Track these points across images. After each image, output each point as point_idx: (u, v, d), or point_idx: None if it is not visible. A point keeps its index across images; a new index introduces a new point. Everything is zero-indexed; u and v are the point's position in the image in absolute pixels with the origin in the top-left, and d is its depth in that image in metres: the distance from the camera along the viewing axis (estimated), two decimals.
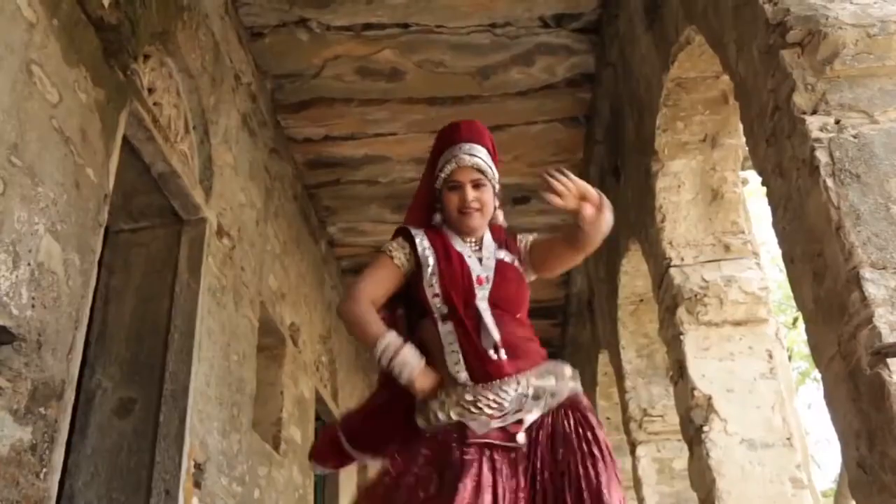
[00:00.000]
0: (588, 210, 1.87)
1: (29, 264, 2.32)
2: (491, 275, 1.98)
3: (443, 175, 2.05)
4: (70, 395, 2.52)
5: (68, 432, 2.54)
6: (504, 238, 2.11)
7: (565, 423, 1.84)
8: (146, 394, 3.43)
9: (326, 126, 5.41)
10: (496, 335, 1.88)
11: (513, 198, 6.25)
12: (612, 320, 5.57)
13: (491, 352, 1.86)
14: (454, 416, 1.84)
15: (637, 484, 5.19)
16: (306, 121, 5.35)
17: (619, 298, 5.35)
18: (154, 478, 3.25)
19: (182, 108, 3.86)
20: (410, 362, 1.87)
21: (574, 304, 7.78)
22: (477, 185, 2.03)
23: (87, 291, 2.69)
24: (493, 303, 1.94)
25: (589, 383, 7.21)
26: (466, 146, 2.06)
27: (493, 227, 2.12)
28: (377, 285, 2.03)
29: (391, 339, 1.89)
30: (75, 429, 3.21)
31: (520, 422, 1.82)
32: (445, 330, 1.92)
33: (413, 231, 2.06)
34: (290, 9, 4.42)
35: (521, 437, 1.81)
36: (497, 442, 1.80)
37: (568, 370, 1.96)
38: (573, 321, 8.05)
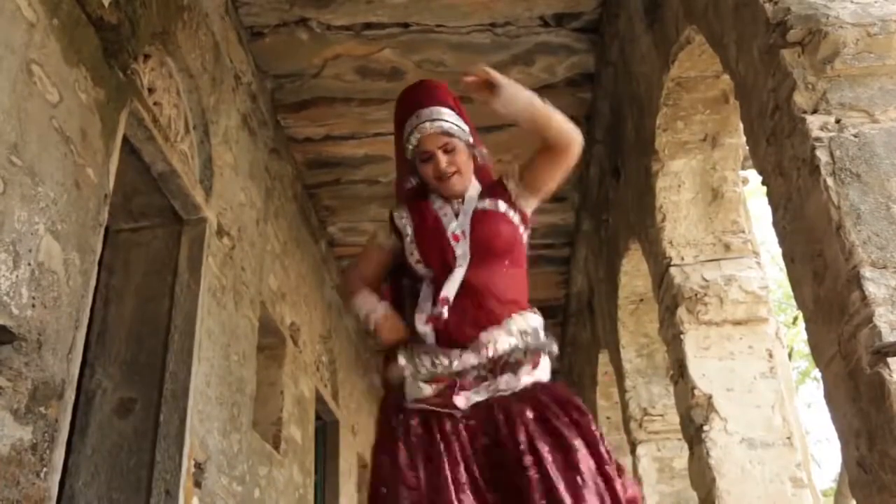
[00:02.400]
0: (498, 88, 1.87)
1: (29, 264, 2.32)
2: (467, 228, 1.95)
3: (410, 147, 2.02)
4: (70, 395, 2.52)
5: (68, 432, 2.54)
6: (490, 182, 2.07)
7: (527, 411, 1.78)
8: (146, 394, 3.43)
9: (326, 126, 5.41)
10: (444, 292, 1.85)
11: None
12: (612, 320, 5.57)
13: (442, 309, 1.83)
14: (406, 374, 1.85)
15: (637, 483, 5.19)
16: (306, 120, 5.35)
17: (619, 298, 5.35)
18: (154, 477, 3.25)
19: (182, 108, 3.86)
20: (377, 310, 1.94)
21: (574, 303, 7.78)
22: (447, 150, 1.99)
23: (88, 291, 2.68)
24: (475, 254, 1.91)
25: (589, 383, 7.21)
26: (426, 111, 2.01)
27: (482, 173, 2.09)
28: (363, 264, 2.14)
29: (364, 294, 2.00)
30: (75, 429, 3.21)
31: (457, 387, 1.78)
32: (427, 291, 1.93)
33: (395, 209, 2.10)
34: (290, 8, 4.42)
35: (460, 401, 1.77)
36: (435, 409, 1.78)
37: (542, 347, 1.87)
38: (573, 321, 8.05)
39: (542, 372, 1.88)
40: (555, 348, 1.92)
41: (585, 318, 7.32)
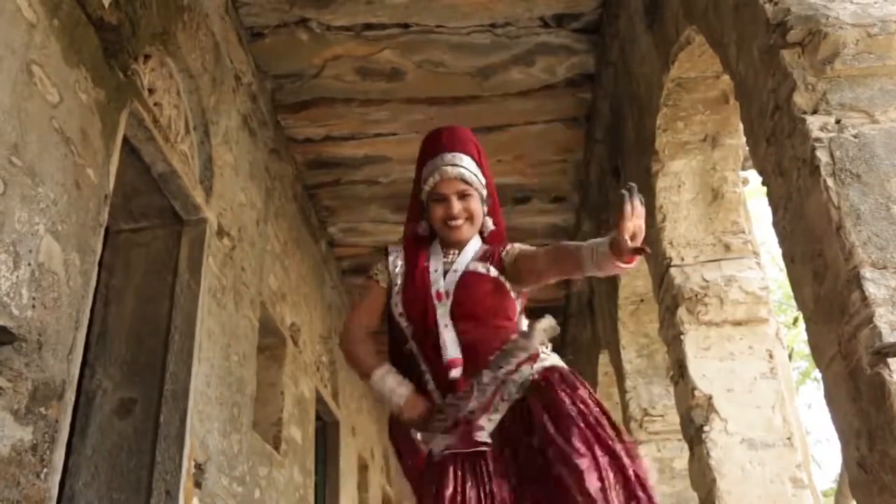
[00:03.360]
0: (625, 245, 1.64)
1: (29, 264, 2.32)
2: (452, 289, 1.94)
3: (426, 187, 2.02)
4: (70, 396, 2.52)
5: (69, 433, 2.54)
6: (493, 246, 2.05)
7: (532, 405, 1.79)
8: (146, 394, 3.43)
9: (327, 126, 5.41)
10: (448, 354, 1.86)
11: (513, 197, 6.25)
12: (612, 320, 5.57)
13: (452, 372, 1.84)
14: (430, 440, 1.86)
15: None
16: (306, 121, 5.35)
17: (619, 298, 5.35)
18: (154, 478, 3.25)
19: (182, 109, 3.86)
20: (398, 391, 1.90)
21: (574, 304, 7.78)
22: (463, 196, 2.00)
23: (88, 292, 2.68)
24: (456, 317, 1.90)
25: (589, 383, 7.19)
26: (449, 156, 2.01)
27: (490, 235, 2.09)
28: (367, 312, 2.10)
29: (381, 372, 1.95)
30: (76, 429, 3.21)
31: (471, 422, 1.79)
32: (414, 348, 1.94)
33: (390, 249, 2.10)
34: (290, 9, 4.42)
35: (481, 437, 1.78)
36: (463, 450, 1.78)
37: (532, 338, 1.83)
38: (573, 321, 8.05)
39: (543, 361, 1.89)
40: (543, 334, 1.85)
41: (586, 319, 7.32)
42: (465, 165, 2.00)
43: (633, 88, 4.32)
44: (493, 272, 1.97)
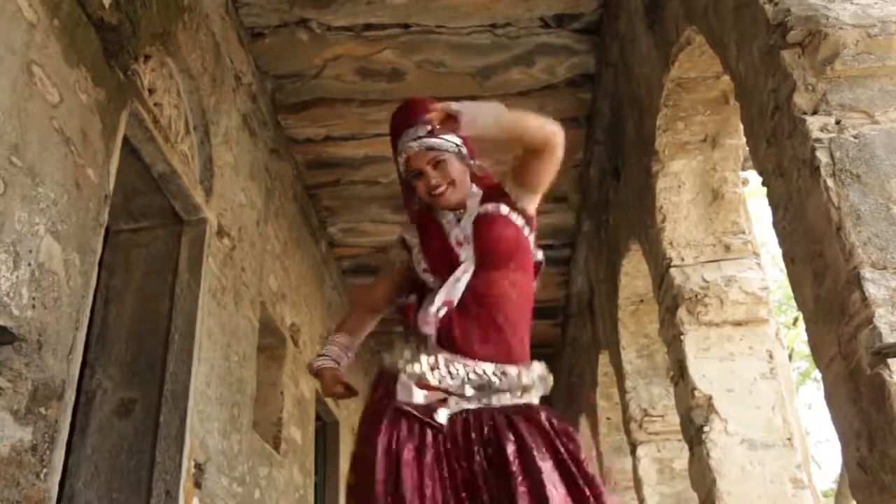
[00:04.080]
0: (453, 125, 1.80)
1: (29, 265, 2.32)
2: (469, 233, 1.96)
3: (402, 170, 2.05)
4: (70, 396, 2.52)
5: (69, 433, 2.54)
6: (491, 187, 2.06)
7: (514, 422, 1.77)
8: (146, 394, 3.43)
9: (327, 126, 5.41)
10: (447, 296, 1.86)
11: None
12: (612, 320, 5.57)
13: (439, 311, 1.84)
14: (399, 365, 1.87)
15: (637, 484, 5.19)
16: (307, 121, 5.35)
17: (619, 298, 5.35)
18: (154, 478, 3.25)
19: (182, 109, 3.86)
20: (323, 361, 2.03)
21: (574, 304, 7.78)
22: (436, 164, 2.00)
23: (88, 292, 2.69)
24: (480, 259, 1.92)
25: (589, 383, 7.21)
26: (407, 133, 2.02)
27: (483, 179, 2.09)
28: (375, 287, 2.18)
29: (335, 336, 2.10)
30: (76, 429, 3.21)
31: (444, 400, 1.79)
32: (434, 295, 1.93)
33: (403, 227, 2.13)
34: (290, 9, 4.42)
35: (440, 417, 1.77)
36: (417, 414, 1.78)
37: (529, 377, 1.87)
38: (573, 321, 8.05)
39: (535, 397, 1.90)
40: (547, 386, 1.93)
41: (586, 319, 7.32)
42: (423, 135, 2.00)
43: (633, 89, 4.32)
44: (504, 209, 1.99)
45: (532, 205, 2.03)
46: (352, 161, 5.77)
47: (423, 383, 1.82)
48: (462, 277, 1.90)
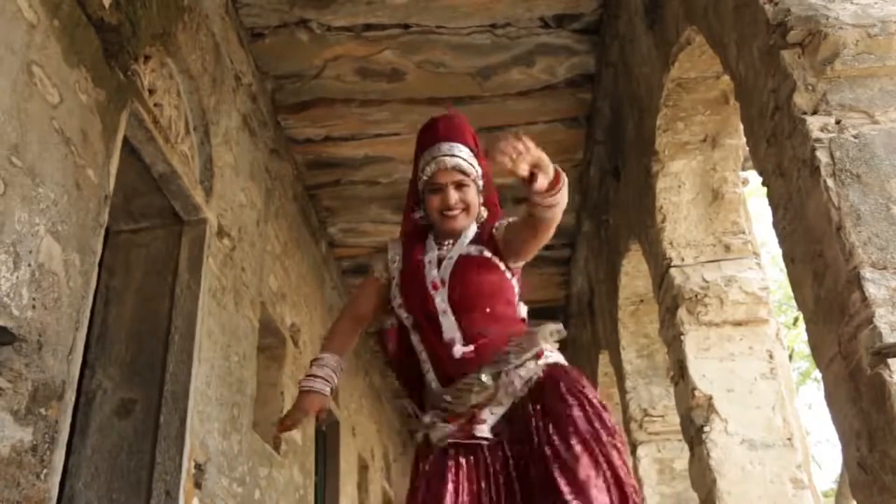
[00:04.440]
0: (541, 180, 1.65)
1: (29, 265, 2.32)
2: (447, 276, 1.94)
3: (424, 177, 2.02)
4: (70, 396, 2.52)
5: (69, 433, 2.54)
6: (486, 230, 2.05)
7: (533, 407, 1.78)
8: (146, 394, 3.43)
9: (327, 127, 5.41)
10: (448, 335, 1.86)
11: (513, 198, 6.25)
12: (612, 321, 5.57)
13: (454, 350, 1.84)
14: (427, 420, 1.86)
15: (638, 484, 5.19)
16: (307, 121, 5.35)
17: (619, 299, 5.35)
18: (154, 478, 3.25)
19: (182, 109, 3.86)
20: (309, 380, 2.00)
21: (574, 304, 7.78)
22: (459, 186, 2.00)
23: (88, 292, 2.68)
24: (454, 304, 1.90)
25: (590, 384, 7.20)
26: (446, 146, 2.01)
27: (486, 223, 2.08)
28: (359, 301, 2.18)
29: (323, 356, 2.06)
30: (76, 430, 3.21)
31: (475, 415, 1.78)
32: (415, 339, 1.95)
33: (390, 245, 2.13)
34: (290, 9, 4.42)
35: (481, 432, 1.77)
36: (461, 441, 1.78)
37: (537, 338, 1.85)
38: (574, 322, 8.05)
39: (548, 358, 1.87)
40: (550, 335, 1.89)
41: (586, 319, 7.32)
42: (461, 155, 2.00)
43: (633, 89, 4.32)
44: (487, 253, 1.98)
45: (516, 265, 2.02)
46: (352, 161, 5.77)
47: (449, 418, 1.82)
48: (444, 319, 1.89)
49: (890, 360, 1.86)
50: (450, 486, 1.73)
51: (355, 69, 4.89)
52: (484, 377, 1.79)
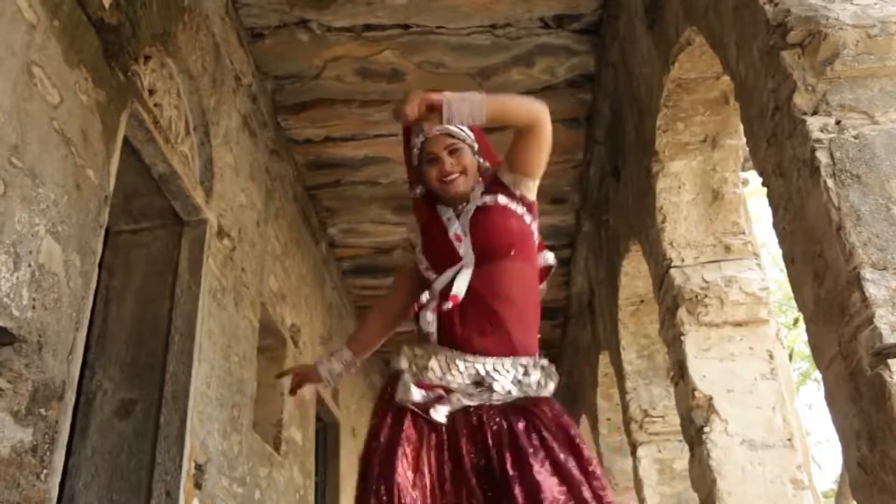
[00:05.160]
0: (434, 116, 1.82)
1: (29, 265, 2.32)
2: (467, 227, 1.96)
3: (416, 151, 2.05)
4: (70, 397, 2.52)
5: (69, 433, 2.54)
6: (489, 178, 2.06)
7: (512, 424, 1.76)
8: (147, 395, 3.43)
9: (327, 127, 5.41)
10: (455, 289, 1.85)
11: None
12: (612, 321, 5.57)
13: (446, 302, 1.84)
14: (402, 365, 1.87)
15: (638, 485, 5.19)
16: (307, 122, 5.35)
17: (619, 299, 5.35)
18: (154, 479, 3.25)
19: (183, 110, 3.86)
20: (325, 362, 2.10)
21: (574, 304, 7.78)
22: (452, 151, 2.01)
23: (88, 293, 2.69)
24: (478, 252, 1.91)
25: (590, 384, 7.21)
26: None
27: (485, 173, 2.09)
28: (390, 295, 2.21)
29: (342, 352, 2.13)
30: (76, 430, 3.21)
31: (441, 398, 1.78)
32: (434, 290, 1.93)
33: (410, 227, 2.16)
34: (290, 10, 4.42)
35: (437, 415, 1.77)
36: (417, 411, 1.78)
37: (536, 374, 1.84)
38: (574, 322, 8.05)
39: (540, 391, 1.86)
40: (552, 385, 1.90)
41: (586, 320, 7.32)
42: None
43: (633, 89, 4.32)
44: (501, 199, 1.98)
45: (530, 191, 2.02)
46: (352, 162, 5.77)
47: (421, 382, 1.82)
48: (461, 272, 1.89)
49: (890, 361, 1.86)
50: (402, 450, 1.74)
51: (355, 70, 4.89)
52: (467, 374, 1.79)
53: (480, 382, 1.80)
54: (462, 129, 2.03)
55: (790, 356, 11.57)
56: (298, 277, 5.91)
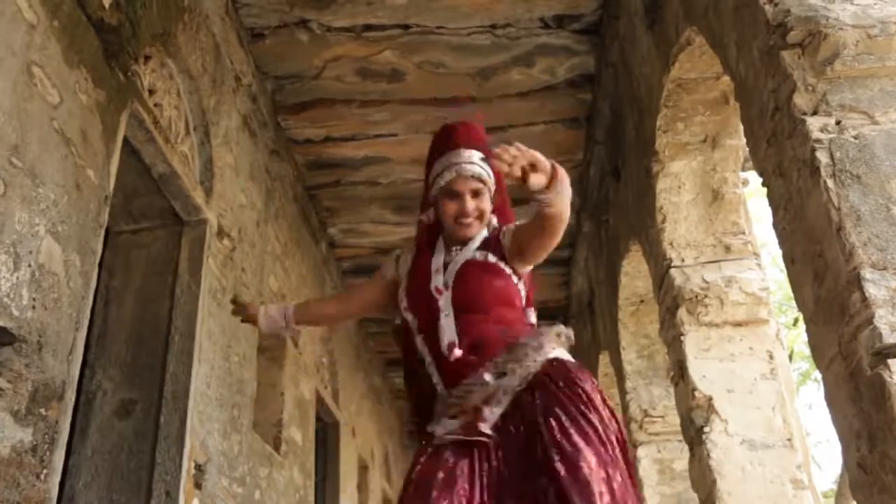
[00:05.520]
0: (537, 178, 1.72)
1: (30, 265, 2.32)
2: (451, 281, 1.96)
3: (441, 183, 2.03)
4: (70, 397, 2.52)
5: (69, 433, 2.54)
6: (494, 235, 2.06)
7: (533, 397, 1.78)
8: (147, 395, 3.43)
9: (327, 127, 5.41)
10: (447, 339, 1.87)
11: (513, 198, 6.24)
12: (612, 321, 5.57)
13: (453, 353, 1.84)
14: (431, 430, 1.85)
15: (638, 485, 5.19)
16: (307, 122, 5.35)
17: (619, 299, 5.35)
18: (154, 479, 3.25)
19: (182, 110, 3.86)
20: (264, 312, 2.27)
21: (575, 305, 7.78)
22: (476, 194, 2.02)
23: (88, 293, 2.69)
24: (457, 308, 1.92)
25: None
26: (466, 153, 2.02)
27: (494, 228, 2.10)
28: (360, 291, 2.33)
29: (288, 306, 2.29)
30: (76, 430, 3.21)
31: (478, 411, 1.78)
32: (419, 341, 1.95)
33: (404, 248, 2.19)
34: (290, 10, 4.42)
35: (484, 429, 1.77)
36: (462, 437, 1.78)
37: (542, 340, 1.86)
38: (574, 322, 8.05)
39: (548, 353, 1.87)
40: (556, 338, 1.90)
41: (586, 320, 7.32)
42: (479, 163, 2.02)
43: (633, 89, 4.32)
44: (492, 258, 1.99)
45: (523, 269, 2.03)
46: (352, 162, 5.77)
47: (453, 413, 1.82)
48: (447, 320, 1.90)
49: (890, 361, 1.86)
50: (440, 475, 1.73)
51: (355, 70, 4.89)
52: (487, 376, 1.79)
53: (502, 373, 1.80)
54: (489, 174, 2.02)
55: (790, 356, 11.56)
56: (298, 277, 5.91)
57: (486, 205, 2.05)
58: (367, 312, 2.28)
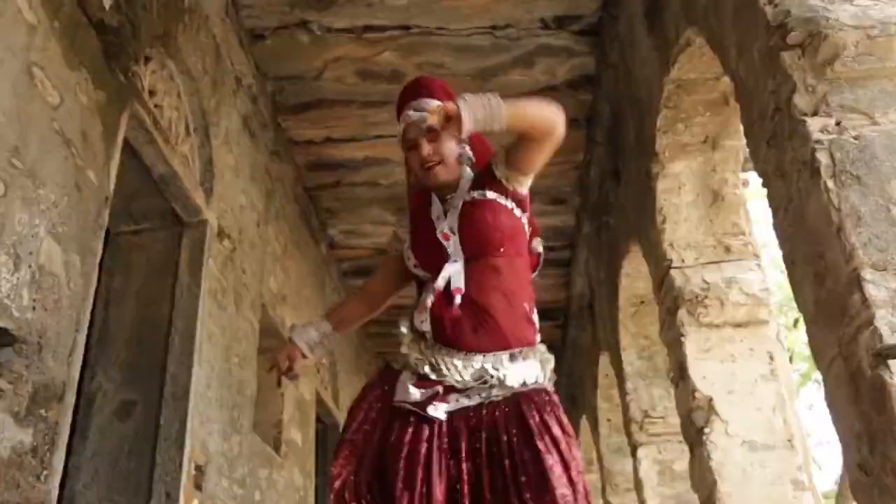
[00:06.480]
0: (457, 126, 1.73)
1: (30, 266, 2.32)
2: (455, 224, 1.93)
3: (397, 138, 2.04)
4: (71, 398, 2.52)
5: (69, 435, 2.54)
6: (481, 170, 2.02)
7: (509, 416, 1.76)
8: (147, 396, 3.43)
9: (327, 128, 5.41)
10: (454, 284, 1.84)
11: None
12: (612, 322, 5.57)
13: (455, 299, 1.82)
14: (399, 364, 1.88)
15: (638, 486, 5.18)
16: (307, 123, 5.35)
17: (619, 300, 5.35)
18: (154, 480, 3.25)
19: (183, 111, 3.86)
20: (297, 333, 2.18)
21: (575, 305, 7.78)
22: (432, 138, 1.96)
23: (88, 294, 2.69)
24: (467, 250, 1.89)
25: (590, 385, 7.21)
26: (413, 103, 2.01)
27: (479, 161, 2.06)
28: (371, 278, 2.26)
29: (320, 323, 2.23)
30: (76, 431, 3.21)
31: (438, 395, 1.77)
32: (429, 289, 1.91)
33: (401, 224, 2.16)
34: (290, 11, 4.43)
35: (435, 412, 1.76)
36: (415, 409, 1.77)
37: (533, 365, 1.84)
38: (574, 323, 8.05)
39: (536, 381, 1.85)
40: (544, 366, 1.89)
41: (586, 321, 7.32)
42: (427, 107, 1.94)
43: (633, 90, 4.32)
44: (490, 194, 1.94)
45: (523, 185, 1.98)
46: (352, 163, 5.77)
47: (419, 382, 1.81)
48: (451, 271, 1.87)
49: (890, 362, 1.86)
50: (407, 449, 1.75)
51: (356, 71, 4.89)
52: (466, 372, 1.78)
53: (483, 379, 1.79)
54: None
55: (790, 357, 11.56)
56: (299, 278, 5.91)
57: (447, 148, 1.98)
58: (399, 284, 2.14)
